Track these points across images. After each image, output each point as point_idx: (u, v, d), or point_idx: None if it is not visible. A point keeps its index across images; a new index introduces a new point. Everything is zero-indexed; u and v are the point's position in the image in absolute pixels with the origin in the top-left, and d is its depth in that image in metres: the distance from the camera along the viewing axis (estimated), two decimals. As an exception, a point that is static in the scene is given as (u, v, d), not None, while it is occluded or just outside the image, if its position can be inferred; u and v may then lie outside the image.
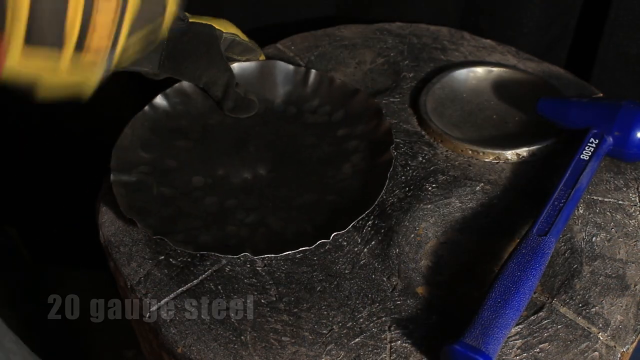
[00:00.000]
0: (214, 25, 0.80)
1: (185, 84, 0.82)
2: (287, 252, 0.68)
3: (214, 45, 0.80)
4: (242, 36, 0.85)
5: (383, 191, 0.73)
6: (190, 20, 0.79)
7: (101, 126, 0.94)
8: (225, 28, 0.82)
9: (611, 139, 0.76)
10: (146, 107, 0.81)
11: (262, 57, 0.87)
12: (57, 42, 0.45)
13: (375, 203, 0.72)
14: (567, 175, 0.73)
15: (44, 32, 0.45)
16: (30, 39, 0.45)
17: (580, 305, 0.66)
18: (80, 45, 0.46)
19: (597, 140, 0.76)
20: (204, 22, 0.80)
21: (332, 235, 0.69)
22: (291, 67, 0.85)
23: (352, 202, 0.74)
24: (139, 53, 0.53)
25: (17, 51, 0.45)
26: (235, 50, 0.84)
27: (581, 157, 0.75)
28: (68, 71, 0.47)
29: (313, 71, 0.85)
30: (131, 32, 0.50)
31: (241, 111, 0.82)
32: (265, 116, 0.84)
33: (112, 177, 0.74)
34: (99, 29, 0.46)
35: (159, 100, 0.82)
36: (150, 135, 0.80)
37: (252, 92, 0.84)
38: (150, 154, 0.79)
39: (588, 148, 0.76)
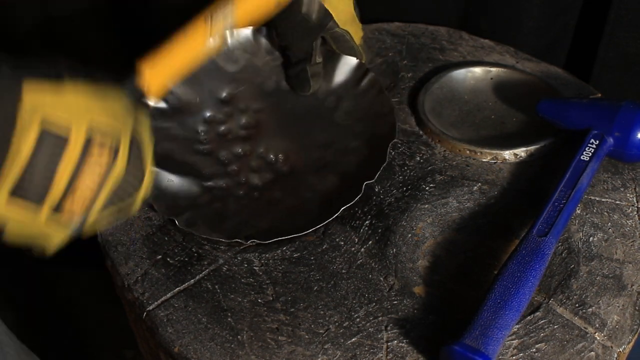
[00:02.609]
0: (337, 15, 0.80)
1: None
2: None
3: (315, 28, 0.78)
4: (357, 37, 0.84)
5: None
6: None
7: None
8: (345, 24, 0.82)
9: (611, 140, 0.76)
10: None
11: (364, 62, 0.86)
12: (39, 200, 0.48)
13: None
14: (567, 176, 0.73)
15: (31, 189, 0.47)
16: (17, 191, 0.47)
17: (577, 305, 0.66)
18: (58, 207, 0.49)
19: (597, 141, 0.76)
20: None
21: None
22: (355, 61, 0.83)
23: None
24: (109, 223, 0.56)
25: (2, 199, 0.47)
26: (339, 46, 0.83)
27: (581, 157, 0.75)
28: (41, 226, 0.50)
29: (371, 74, 0.83)
30: (106, 204, 0.53)
31: (295, 85, 0.81)
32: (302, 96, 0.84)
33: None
34: (79, 196, 0.49)
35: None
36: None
37: (319, 77, 0.83)
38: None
39: (588, 149, 0.76)
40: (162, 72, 0.58)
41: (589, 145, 0.76)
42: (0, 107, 0.45)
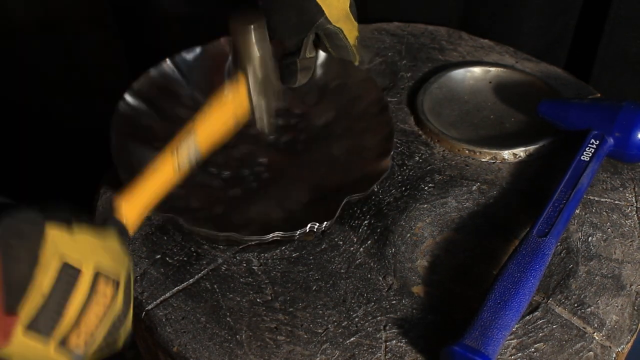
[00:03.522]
0: (329, 11, 0.81)
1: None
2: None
3: (306, 25, 0.80)
4: (351, 36, 0.85)
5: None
6: None
7: (100, 126, 0.94)
8: (338, 21, 0.82)
9: (612, 140, 0.76)
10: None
11: (356, 64, 0.87)
12: (50, 333, 0.50)
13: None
14: (568, 176, 0.73)
15: (44, 322, 0.49)
16: (31, 325, 0.49)
17: (576, 305, 0.66)
18: (64, 341, 0.51)
19: (597, 142, 0.76)
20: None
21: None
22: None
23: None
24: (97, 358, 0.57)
25: (19, 332, 0.49)
26: (332, 44, 0.84)
27: (582, 158, 0.75)
28: (50, 356, 0.51)
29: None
30: (104, 338, 0.55)
31: (282, 77, 0.81)
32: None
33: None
34: (83, 330, 0.51)
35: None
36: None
37: (309, 72, 0.84)
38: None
39: (589, 149, 0.76)
40: (137, 204, 0.62)
41: (590, 145, 0.76)
42: (26, 244, 0.48)
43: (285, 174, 0.79)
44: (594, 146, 0.76)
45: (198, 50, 0.84)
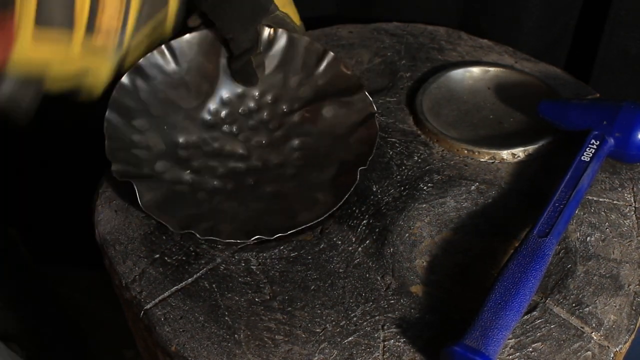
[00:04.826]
0: None
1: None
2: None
3: (259, 13, 0.79)
4: (295, 19, 0.84)
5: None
6: None
7: (100, 127, 0.94)
8: (284, 6, 0.82)
9: (612, 140, 0.76)
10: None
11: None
12: (68, 23, 0.44)
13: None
14: (568, 176, 0.73)
15: (54, 12, 0.43)
16: (40, 19, 0.43)
17: (574, 304, 0.66)
18: (90, 27, 0.45)
19: (597, 142, 0.76)
20: None
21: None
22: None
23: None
24: (145, 50, 0.51)
25: (28, 32, 0.43)
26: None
27: (582, 158, 0.75)
28: (79, 57, 0.45)
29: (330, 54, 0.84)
30: (139, 22, 0.48)
31: (241, 78, 0.82)
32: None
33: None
34: (108, 9, 0.45)
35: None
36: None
37: (263, 67, 0.84)
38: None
39: (589, 149, 0.75)
40: None
41: (590, 145, 0.76)
42: None
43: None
44: (595, 146, 0.76)
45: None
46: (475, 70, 0.90)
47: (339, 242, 0.72)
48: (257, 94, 0.85)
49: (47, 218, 1.32)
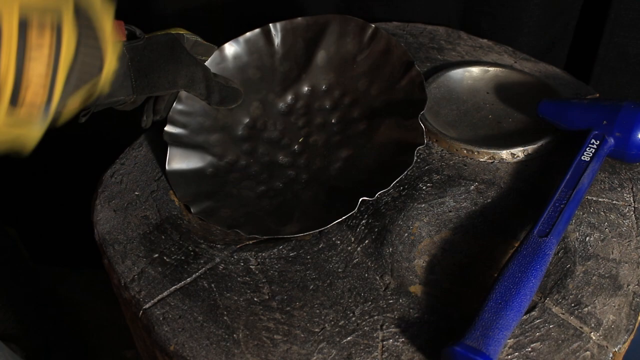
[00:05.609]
0: (170, 32, 0.79)
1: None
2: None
3: (177, 46, 0.77)
4: (200, 39, 0.84)
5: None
6: (147, 36, 0.77)
7: (99, 127, 0.94)
8: (184, 29, 0.81)
9: (612, 140, 0.76)
10: None
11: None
12: None
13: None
14: (568, 176, 0.73)
15: None
16: None
17: (573, 305, 0.66)
18: (14, 100, 0.45)
19: (598, 142, 0.76)
20: (159, 33, 0.79)
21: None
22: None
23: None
24: (79, 107, 0.52)
25: None
26: (198, 51, 0.83)
27: (582, 158, 0.75)
28: (4, 125, 0.46)
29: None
30: (66, 88, 0.49)
31: (228, 101, 0.82)
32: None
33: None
34: (33, 83, 0.46)
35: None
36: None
37: (232, 79, 0.84)
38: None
39: (589, 149, 0.75)
40: None
41: (590, 145, 0.76)
42: None
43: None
44: (595, 146, 0.76)
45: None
46: (475, 70, 0.90)
47: (338, 242, 0.72)
48: (338, 93, 0.85)
49: (47, 218, 1.32)
